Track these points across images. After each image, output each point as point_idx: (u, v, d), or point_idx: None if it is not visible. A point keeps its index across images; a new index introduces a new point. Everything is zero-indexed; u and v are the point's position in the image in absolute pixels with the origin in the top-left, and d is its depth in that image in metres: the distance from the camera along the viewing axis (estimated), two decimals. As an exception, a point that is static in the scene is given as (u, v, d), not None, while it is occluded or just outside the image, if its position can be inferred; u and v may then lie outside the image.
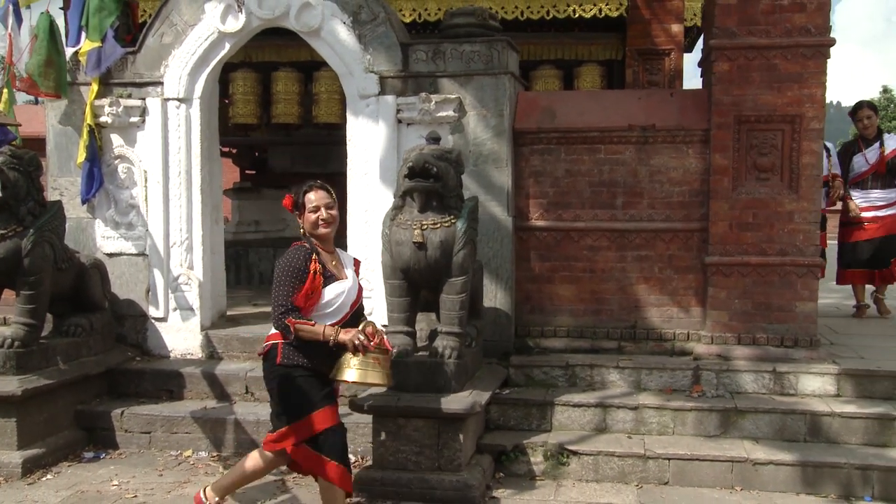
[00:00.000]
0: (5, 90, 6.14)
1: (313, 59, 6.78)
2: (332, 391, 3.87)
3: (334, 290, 3.78)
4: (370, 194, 5.55)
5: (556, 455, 4.73)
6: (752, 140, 5.25)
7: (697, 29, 8.28)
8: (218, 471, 4.82)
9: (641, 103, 5.62)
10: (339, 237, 4.13)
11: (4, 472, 4.65)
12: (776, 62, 5.14)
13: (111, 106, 5.73)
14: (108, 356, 5.59)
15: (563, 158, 5.54)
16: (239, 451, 5.07)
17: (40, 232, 5.01)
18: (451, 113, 5.43)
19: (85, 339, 5.42)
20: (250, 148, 10.29)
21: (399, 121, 5.53)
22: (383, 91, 5.53)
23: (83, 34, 5.80)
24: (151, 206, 5.85)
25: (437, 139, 4.73)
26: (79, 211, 5.92)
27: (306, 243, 3.80)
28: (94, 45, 5.70)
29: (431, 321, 5.05)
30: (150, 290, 5.89)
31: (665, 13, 7.90)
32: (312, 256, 3.71)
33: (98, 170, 5.80)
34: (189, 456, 5.08)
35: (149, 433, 5.21)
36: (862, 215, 6.83)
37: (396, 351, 4.57)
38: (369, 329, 3.69)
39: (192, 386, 5.53)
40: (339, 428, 3.83)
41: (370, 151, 5.57)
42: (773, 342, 5.27)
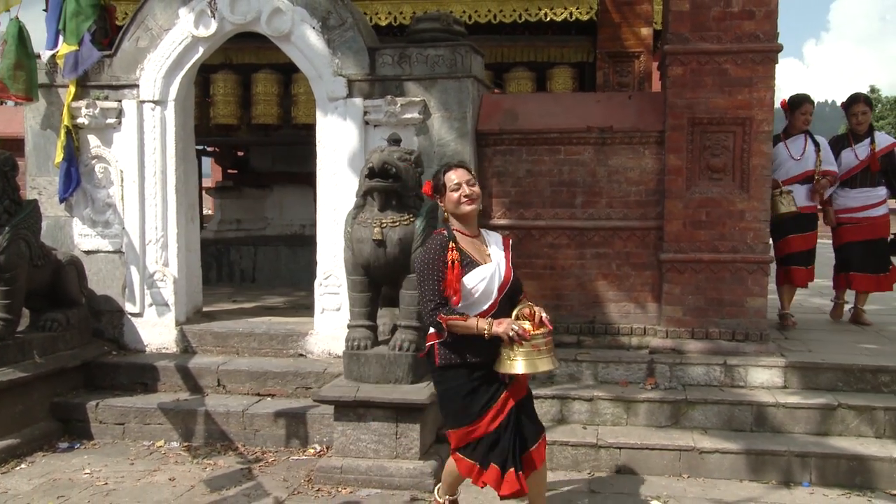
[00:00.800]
0: None
1: (292, 61, 6.92)
2: (498, 388, 3.53)
3: (475, 277, 3.44)
4: (339, 193, 5.72)
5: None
6: (705, 141, 5.43)
7: (666, 32, 8.46)
8: (188, 460, 5.00)
9: (600, 106, 5.82)
10: (309, 235, 4.18)
11: (-21, 461, 4.81)
12: (727, 67, 5.32)
13: (88, 108, 5.90)
14: (85, 350, 5.77)
15: (524, 159, 5.72)
16: (209, 441, 5.26)
17: (16, 230, 5.19)
18: (416, 115, 5.61)
19: (61, 334, 5.59)
20: (232, 148, 10.43)
21: (366, 122, 5.71)
22: (351, 94, 5.71)
23: (61, 38, 5.96)
24: (128, 205, 6.02)
25: (398, 141, 4.92)
26: (57, 209, 6.09)
27: (444, 230, 3.56)
28: (71, 48, 5.87)
29: (395, 316, 5.23)
30: (126, 286, 6.06)
31: (634, 17, 8.09)
32: (449, 245, 3.44)
33: (75, 170, 5.97)
34: (161, 446, 5.25)
35: (122, 424, 5.38)
36: (851, 216, 6.47)
37: (356, 345, 4.76)
38: (526, 311, 3.43)
39: (166, 379, 5.71)
40: (498, 430, 3.53)
41: (339, 152, 5.75)
42: (725, 336, 5.46)
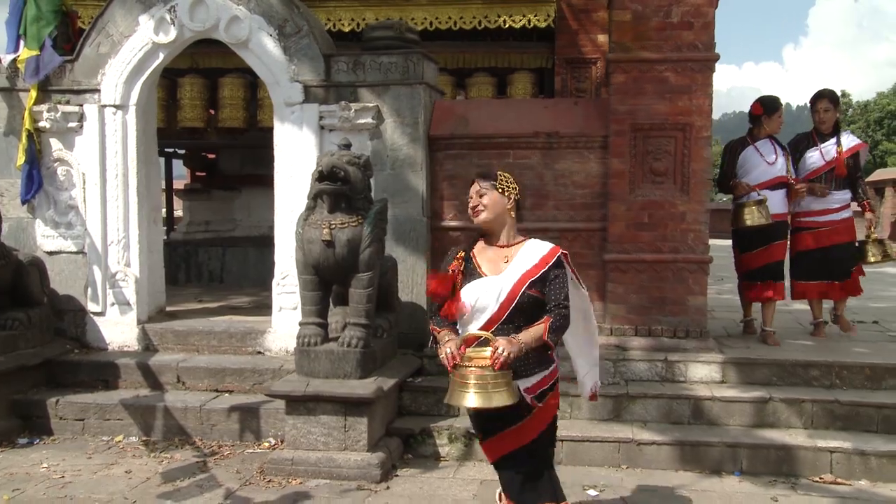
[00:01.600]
0: None
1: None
2: (504, 412, 3.17)
3: (470, 290, 3.25)
4: (295, 196, 5.87)
5: (460, 438, 5.10)
6: (648, 146, 5.66)
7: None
8: (146, 454, 5.14)
9: (548, 111, 6.03)
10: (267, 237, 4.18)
11: (-64, 458, 4.92)
12: (667, 75, 5.56)
13: (50, 112, 6.03)
14: (46, 348, 5.88)
15: (474, 163, 5.90)
16: (167, 436, 5.41)
17: (-25, 231, 5.32)
18: (369, 120, 5.80)
19: (22, 332, 5.70)
20: (201, 150, 10.55)
21: (322, 127, 5.88)
22: (307, 99, 5.89)
23: (21, 42, 6.09)
24: (90, 207, 6.15)
25: (347, 146, 5.10)
26: (19, 211, 6.21)
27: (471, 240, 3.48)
28: (32, 53, 6.00)
29: (347, 314, 5.39)
30: (88, 285, 6.19)
31: (591, 24, 8.33)
32: (458, 255, 3.35)
33: (37, 172, 6.10)
34: (120, 441, 5.39)
35: (82, 420, 5.50)
36: (811, 220, 6.10)
37: (306, 342, 4.93)
38: (470, 337, 3.13)
39: (127, 376, 5.85)
40: (510, 458, 3.40)
41: (295, 155, 5.91)
42: (667, 333, 5.69)
